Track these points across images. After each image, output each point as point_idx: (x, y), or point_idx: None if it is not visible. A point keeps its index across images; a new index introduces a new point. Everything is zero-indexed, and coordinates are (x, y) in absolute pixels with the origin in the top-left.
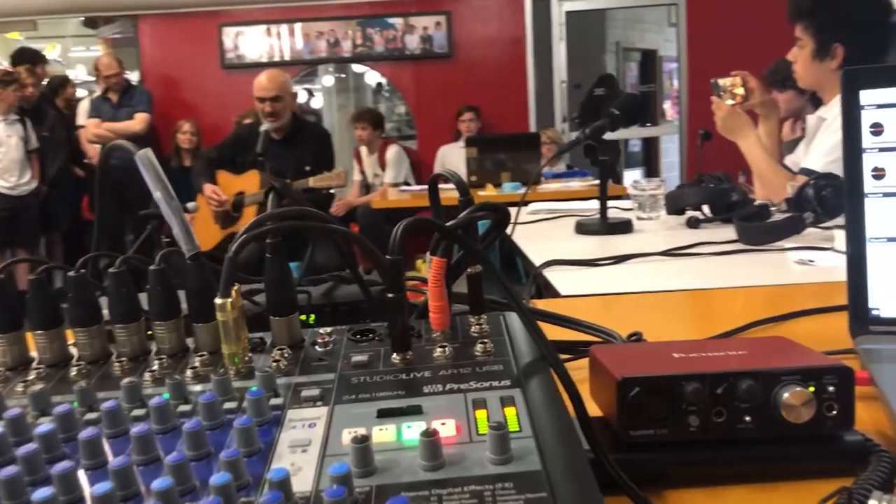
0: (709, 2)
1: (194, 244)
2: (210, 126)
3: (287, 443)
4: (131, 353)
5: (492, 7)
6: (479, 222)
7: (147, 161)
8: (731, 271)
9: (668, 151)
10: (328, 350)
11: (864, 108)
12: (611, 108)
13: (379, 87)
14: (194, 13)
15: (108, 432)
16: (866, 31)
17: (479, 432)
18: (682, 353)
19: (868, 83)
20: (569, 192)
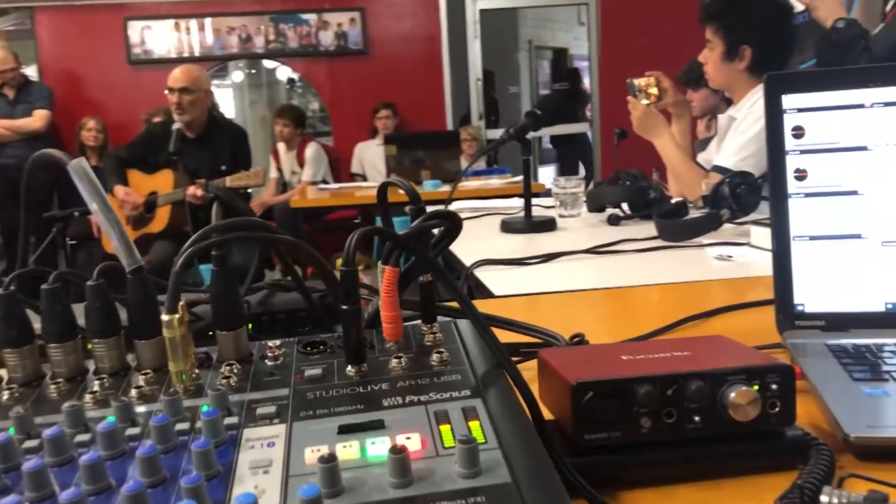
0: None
1: (135, 257)
2: (117, 123)
3: (247, 464)
4: (67, 373)
5: (406, 4)
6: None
7: (81, 171)
8: (655, 268)
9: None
10: (279, 364)
11: (786, 112)
12: (533, 108)
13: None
14: (97, 5)
15: (52, 461)
16: (772, 34)
17: (445, 445)
18: (631, 356)
19: (789, 88)
20: (489, 190)
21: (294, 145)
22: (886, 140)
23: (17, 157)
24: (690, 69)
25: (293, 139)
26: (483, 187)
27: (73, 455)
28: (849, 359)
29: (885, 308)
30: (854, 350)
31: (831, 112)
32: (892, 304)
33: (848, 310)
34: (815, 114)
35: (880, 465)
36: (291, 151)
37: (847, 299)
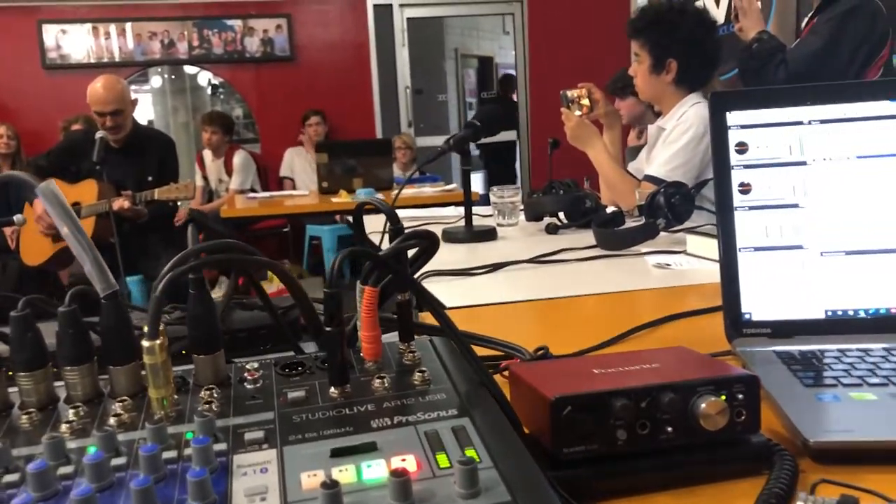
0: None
1: (109, 282)
2: (30, 131)
3: (242, 492)
4: (38, 402)
5: (333, 11)
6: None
7: (51, 195)
8: (597, 277)
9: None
10: (259, 387)
11: (731, 129)
12: (472, 119)
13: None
14: (8, 8)
15: (39, 496)
16: (696, 47)
17: (441, 466)
18: (601, 369)
19: (733, 105)
20: (423, 198)
21: (222, 153)
22: (824, 155)
23: None
24: (617, 78)
25: (221, 147)
26: (417, 195)
27: (59, 488)
28: (797, 365)
29: (826, 315)
30: (801, 356)
31: (772, 128)
32: (831, 311)
33: (792, 317)
34: (758, 130)
35: (838, 467)
36: (219, 159)
37: (791, 307)
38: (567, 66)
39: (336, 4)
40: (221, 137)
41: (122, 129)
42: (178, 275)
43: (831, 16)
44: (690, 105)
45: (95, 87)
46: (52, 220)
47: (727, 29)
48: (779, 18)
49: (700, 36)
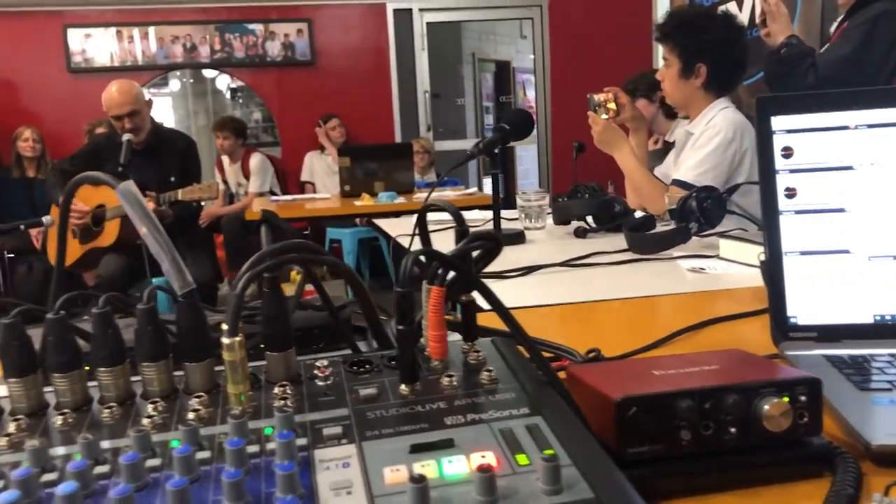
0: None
1: (186, 281)
2: (55, 134)
3: (327, 486)
4: (117, 397)
5: (353, 16)
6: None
7: (130, 195)
8: (630, 280)
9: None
10: (330, 384)
11: (776, 133)
12: (501, 123)
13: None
14: (35, 12)
15: (133, 486)
16: (725, 52)
17: (520, 463)
18: (661, 371)
19: (779, 110)
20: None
21: (238, 157)
22: (870, 160)
23: None
24: (628, 81)
25: (236, 151)
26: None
27: (149, 480)
28: (849, 369)
29: (874, 320)
30: (852, 361)
31: (819, 133)
32: (880, 316)
33: (839, 322)
34: (804, 134)
35: None
36: (236, 163)
37: (837, 311)
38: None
39: (357, 9)
40: (234, 142)
41: (141, 130)
42: (255, 274)
43: (862, 20)
44: (719, 110)
45: (110, 92)
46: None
47: (751, 33)
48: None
49: (729, 40)
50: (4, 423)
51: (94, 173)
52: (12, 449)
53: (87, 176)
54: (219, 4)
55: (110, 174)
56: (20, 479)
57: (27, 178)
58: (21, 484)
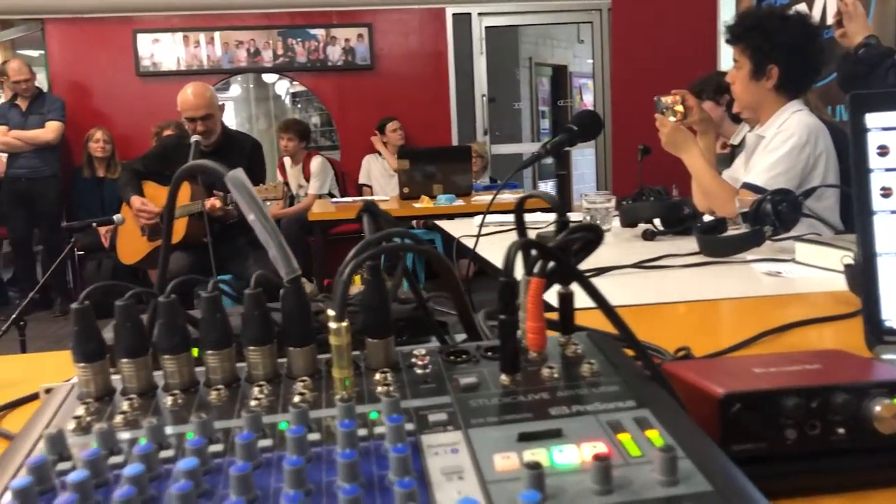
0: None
1: (293, 267)
2: (124, 136)
3: (438, 470)
4: (223, 379)
5: (413, 21)
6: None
7: (239, 183)
8: (704, 283)
9: (579, 164)
10: (428, 372)
11: (870, 131)
12: (569, 124)
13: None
14: (106, 18)
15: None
16: (799, 52)
17: (632, 454)
18: (762, 369)
19: (873, 107)
20: (502, 205)
21: (299, 159)
22: None
23: (27, 167)
24: (694, 83)
25: (298, 153)
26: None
27: (262, 460)
28: None
29: None
30: None
31: None
32: None
33: None
34: None
35: None
36: (297, 165)
37: None
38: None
39: (416, 14)
40: (297, 144)
41: (212, 133)
42: (360, 262)
43: None
44: (792, 112)
45: (185, 95)
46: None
47: (826, 34)
48: (878, 24)
49: (803, 41)
50: (117, 402)
51: (205, 162)
52: (128, 426)
53: (199, 165)
54: (282, 10)
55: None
56: (142, 454)
57: (97, 177)
58: (143, 458)
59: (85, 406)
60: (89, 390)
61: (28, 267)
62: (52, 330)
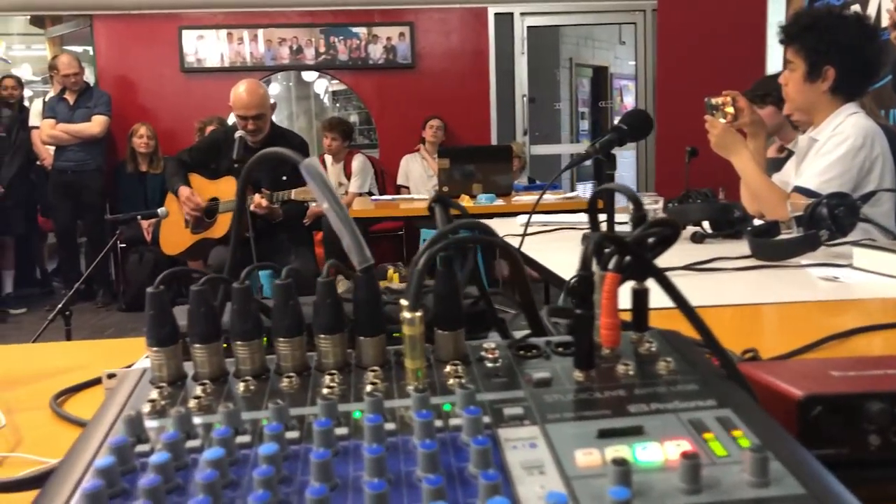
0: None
1: (365, 256)
2: (167, 131)
3: (518, 464)
4: (294, 367)
5: (454, 20)
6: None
7: (314, 171)
8: (757, 287)
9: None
10: (499, 366)
11: None
12: (619, 123)
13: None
14: (153, 14)
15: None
16: (856, 53)
17: (718, 454)
18: (840, 372)
19: None
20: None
21: (341, 157)
22: None
23: (73, 160)
24: (757, 86)
25: (340, 152)
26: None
27: (339, 448)
28: None
29: None
30: None
31: None
32: None
33: None
34: None
35: None
36: (338, 163)
37: None
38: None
39: (458, 13)
40: (341, 143)
41: (261, 131)
42: (434, 252)
43: None
44: (847, 115)
45: (238, 92)
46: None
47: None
48: None
49: (861, 42)
50: (190, 387)
51: (281, 150)
52: (202, 411)
53: (274, 152)
54: (325, 8)
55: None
56: (221, 438)
57: (140, 172)
58: (222, 442)
59: (158, 390)
60: (162, 374)
61: (72, 258)
62: (94, 321)
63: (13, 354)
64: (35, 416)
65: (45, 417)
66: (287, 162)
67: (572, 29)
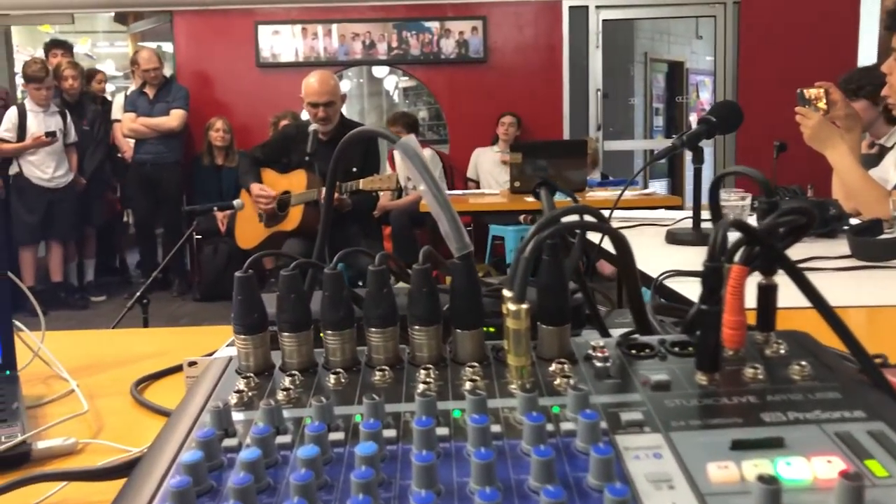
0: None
1: (464, 242)
2: (242, 125)
3: (643, 476)
4: (386, 360)
5: (528, 13)
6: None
7: (411, 151)
8: (859, 288)
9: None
10: (610, 366)
11: None
12: (707, 115)
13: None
14: (231, 10)
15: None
16: None
17: (876, 474)
18: None
19: None
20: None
21: None
22: None
23: (152, 153)
24: (850, 78)
25: None
26: (612, 198)
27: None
28: None
29: None
30: None
31: None
32: None
33: None
34: None
35: None
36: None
37: None
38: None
39: (532, 6)
40: (406, 136)
41: (331, 121)
42: (542, 239)
43: None
44: None
45: (310, 81)
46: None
47: None
48: None
49: None
50: (278, 378)
51: (375, 129)
52: (292, 404)
53: (369, 130)
54: (398, 2)
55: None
56: (314, 435)
57: (216, 165)
58: (315, 440)
59: (245, 380)
60: (249, 364)
61: (150, 248)
62: (170, 310)
63: (94, 339)
64: (116, 403)
65: (126, 404)
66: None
67: (647, 23)
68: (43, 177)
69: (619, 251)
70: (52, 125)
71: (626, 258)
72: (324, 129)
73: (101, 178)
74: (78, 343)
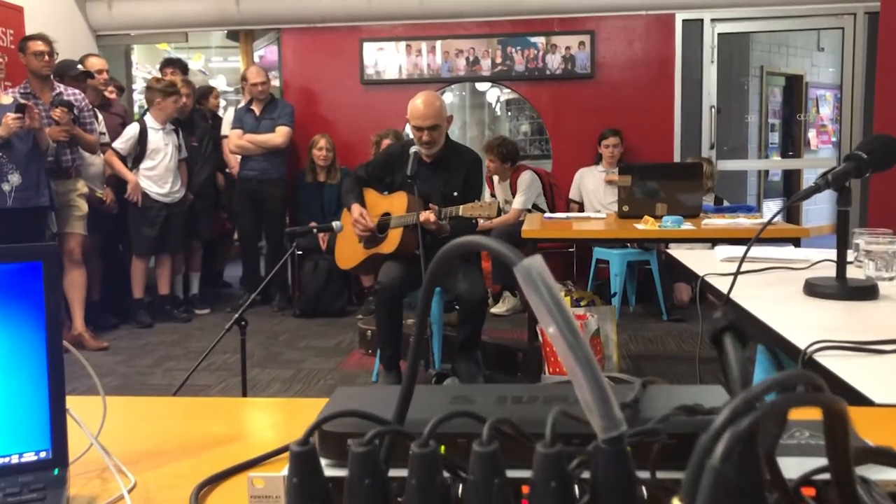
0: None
1: (615, 419)
2: (344, 142)
3: None
4: None
5: (639, 27)
6: None
7: (531, 278)
8: None
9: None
10: None
11: None
12: (857, 150)
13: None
14: (336, 27)
15: None
16: None
17: None
18: None
19: None
20: (738, 231)
21: (506, 176)
22: None
23: (257, 169)
24: None
25: (503, 172)
26: (731, 227)
27: None
28: None
29: None
30: None
31: None
32: None
33: None
34: None
35: None
36: (504, 181)
37: None
38: None
39: (643, 20)
40: (500, 165)
41: (436, 144)
42: (738, 437)
43: None
44: None
45: (416, 103)
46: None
47: None
48: None
49: None
50: None
51: (495, 244)
52: None
53: (472, 242)
54: (503, 18)
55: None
56: None
57: (318, 182)
58: None
59: None
60: None
61: (253, 263)
62: (269, 325)
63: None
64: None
65: None
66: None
67: (764, 36)
68: (161, 192)
69: (833, 426)
70: (170, 142)
71: (841, 438)
72: (428, 152)
73: (207, 193)
74: (142, 417)
